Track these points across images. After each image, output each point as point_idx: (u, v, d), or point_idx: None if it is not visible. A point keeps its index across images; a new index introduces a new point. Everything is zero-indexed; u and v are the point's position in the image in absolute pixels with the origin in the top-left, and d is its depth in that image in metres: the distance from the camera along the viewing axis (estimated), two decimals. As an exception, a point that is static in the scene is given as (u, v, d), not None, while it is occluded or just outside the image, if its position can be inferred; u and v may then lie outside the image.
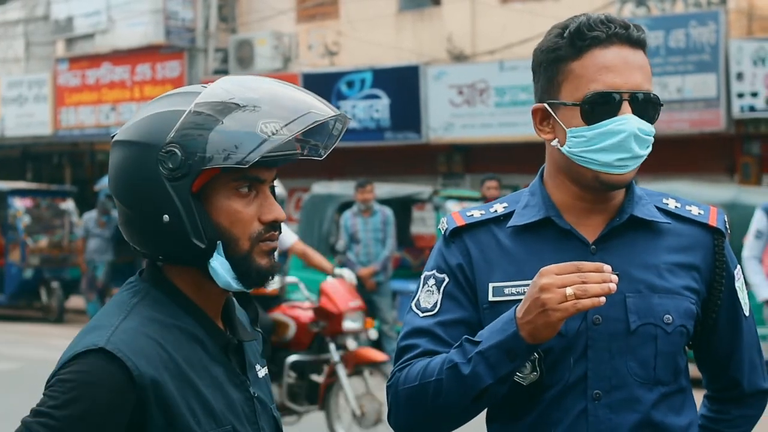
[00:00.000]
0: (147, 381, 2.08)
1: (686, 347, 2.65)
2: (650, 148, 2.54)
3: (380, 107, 19.51)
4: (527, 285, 2.44)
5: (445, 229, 2.67)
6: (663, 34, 16.36)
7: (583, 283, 2.34)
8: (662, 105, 2.55)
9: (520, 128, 18.13)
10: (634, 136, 2.48)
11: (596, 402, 2.52)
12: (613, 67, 2.50)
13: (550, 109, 2.57)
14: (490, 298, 2.58)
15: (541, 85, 2.61)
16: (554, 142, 2.57)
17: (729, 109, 15.99)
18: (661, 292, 2.54)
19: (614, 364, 2.52)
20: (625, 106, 2.49)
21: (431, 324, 2.60)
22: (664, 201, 2.66)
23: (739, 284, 2.68)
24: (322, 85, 19.83)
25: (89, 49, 22.16)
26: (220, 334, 2.25)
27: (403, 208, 17.02)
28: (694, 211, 2.66)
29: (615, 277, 2.36)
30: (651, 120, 2.52)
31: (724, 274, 2.63)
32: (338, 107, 12.03)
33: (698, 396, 2.75)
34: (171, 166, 2.11)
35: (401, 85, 19.23)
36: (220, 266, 2.18)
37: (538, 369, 2.52)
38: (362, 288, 13.60)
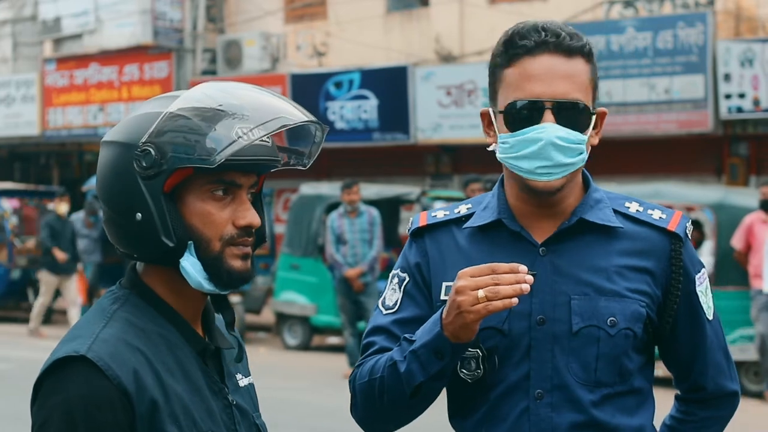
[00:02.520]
0: (128, 389, 2.10)
1: (652, 349, 2.70)
2: (583, 155, 2.57)
3: (368, 108, 19.51)
4: None
5: (409, 228, 2.76)
6: (651, 36, 16.39)
7: (496, 284, 2.39)
8: (594, 113, 2.58)
9: (508, 129, 18.13)
10: (552, 144, 2.51)
11: (538, 401, 2.57)
12: (537, 76, 2.53)
13: (492, 114, 2.64)
14: (442, 296, 2.64)
15: (489, 89, 2.68)
16: (492, 147, 2.64)
17: (716, 110, 16.02)
18: (608, 294, 2.56)
19: (556, 364, 2.56)
20: (547, 115, 2.52)
21: (389, 322, 2.70)
22: (626, 205, 2.67)
23: (701, 288, 2.68)
24: (311, 85, 19.83)
25: (77, 49, 22.10)
26: (198, 340, 2.28)
27: (391, 208, 17.05)
28: (656, 215, 2.65)
29: (530, 278, 2.40)
30: (579, 128, 2.54)
31: (681, 279, 2.63)
32: (326, 108, 11.57)
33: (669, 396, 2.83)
34: (144, 164, 2.16)
35: (389, 85, 19.23)
36: (191, 266, 2.21)
37: (481, 367, 2.58)
38: (350, 289, 13.62)
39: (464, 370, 2.60)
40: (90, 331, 2.15)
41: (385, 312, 2.72)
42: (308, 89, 19.82)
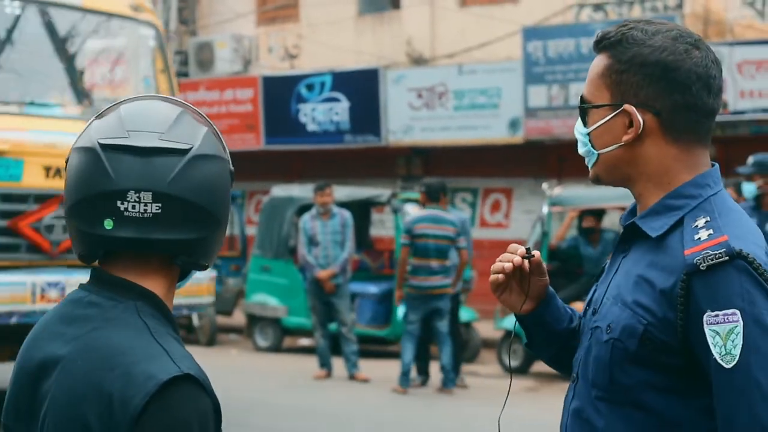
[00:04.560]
0: (218, 402, 2.19)
1: (684, 374, 2.49)
2: (587, 148, 2.63)
3: (340, 110, 19.54)
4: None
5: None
6: (620, 39, 16.48)
7: (500, 261, 2.71)
8: (586, 106, 2.61)
9: (480, 131, 18.22)
10: (576, 135, 2.67)
11: (572, 384, 2.69)
12: None
13: None
14: None
15: None
16: None
17: (685, 113, 16.08)
18: (621, 303, 2.54)
19: (582, 353, 2.65)
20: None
21: None
22: (697, 219, 2.51)
23: (716, 329, 2.39)
24: (282, 87, 19.85)
25: None
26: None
27: (362, 210, 17.07)
28: (698, 236, 2.47)
29: (517, 259, 2.68)
30: (584, 122, 2.63)
31: (684, 310, 2.43)
32: (298, 110, 11.52)
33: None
34: (233, 179, 2.33)
35: (361, 88, 19.28)
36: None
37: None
38: (321, 290, 13.65)
39: None
40: (153, 348, 2.15)
41: None
42: (280, 91, 19.84)
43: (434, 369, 13.42)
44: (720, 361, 2.38)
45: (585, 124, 2.61)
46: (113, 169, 2.17)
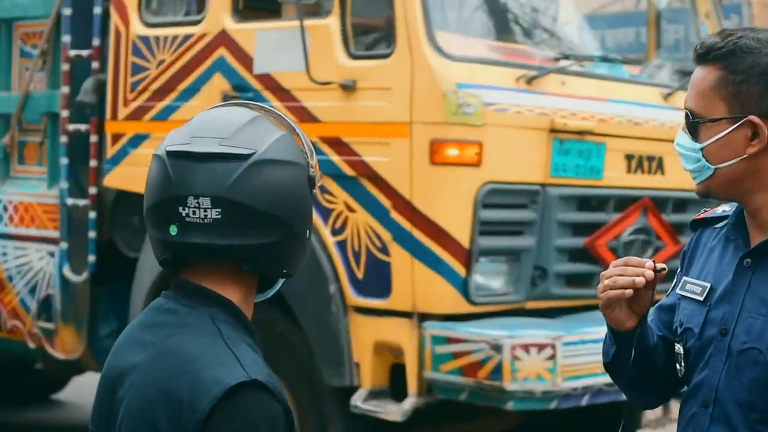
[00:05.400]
0: (290, 407, 2.21)
1: None
2: (701, 163, 2.53)
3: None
4: (694, 282, 2.62)
5: (692, 220, 2.83)
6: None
7: (620, 275, 2.50)
8: (700, 120, 2.51)
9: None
10: (677, 150, 2.58)
11: (703, 409, 2.55)
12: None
13: None
14: (678, 288, 2.71)
15: None
16: None
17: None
18: None
19: (722, 377, 2.52)
20: (684, 123, 2.56)
21: (662, 300, 2.81)
22: None
23: None
24: None
25: None
26: (260, 348, 2.33)
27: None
28: None
29: (650, 273, 2.49)
30: (693, 136, 2.53)
31: None
32: None
33: None
34: (314, 185, 2.30)
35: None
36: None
37: (682, 364, 2.62)
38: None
39: (677, 365, 2.65)
40: (224, 354, 2.16)
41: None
42: None
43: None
44: None
45: (695, 138, 2.52)
46: (175, 176, 2.19)
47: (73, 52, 6.92)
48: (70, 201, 6.94)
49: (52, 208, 7.10)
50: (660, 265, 2.52)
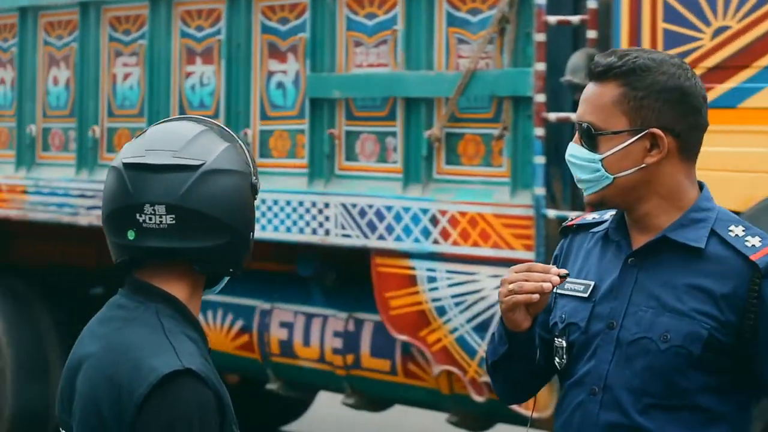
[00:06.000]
0: (222, 396, 2.37)
1: (737, 373, 2.73)
2: (600, 173, 2.72)
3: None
4: (574, 281, 2.82)
5: (561, 227, 3.05)
6: None
7: (525, 281, 2.67)
8: (603, 133, 2.71)
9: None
10: (569, 161, 2.78)
11: (591, 397, 2.75)
12: (580, 102, 2.80)
13: None
14: (555, 290, 2.83)
15: None
16: None
17: None
18: (671, 311, 2.70)
19: (612, 366, 2.73)
20: (576, 135, 2.77)
21: None
22: (730, 228, 2.76)
23: None
24: None
25: None
26: (207, 343, 2.51)
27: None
28: (750, 242, 2.72)
29: (555, 279, 2.67)
30: (592, 148, 2.73)
31: (756, 310, 2.67)
32: None
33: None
34: (256, 191, 2.52)
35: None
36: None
37: (565, 357, 2.81)
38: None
39: (557, 358, 2.84)
40: (163, 345, 2.36)
41: None
42: None
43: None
44: None
45: (594, 150, 2.72)
46: (132, 185, 2.40)
47: (552, 18, 5.29)
48: (550, 213, 5.29)
49: (519, 221, 5.38)
50: (563, 271, 2.70)
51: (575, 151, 2.76)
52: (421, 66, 5.78)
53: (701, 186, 2.82)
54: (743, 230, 2.75)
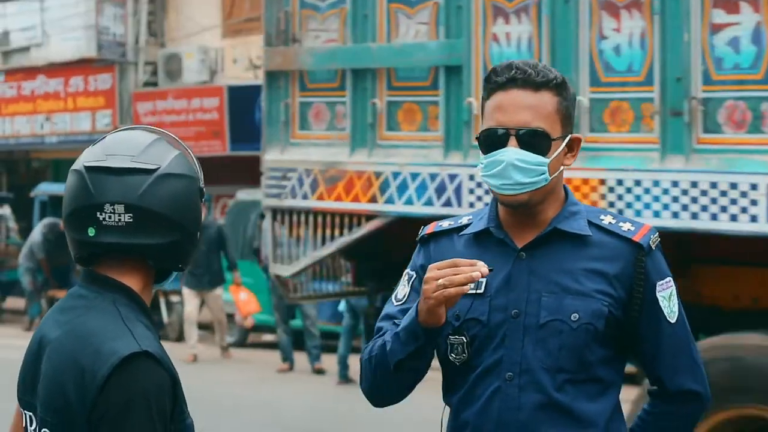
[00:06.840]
0: (176, 377, 2.52)
1: (621, 345, 2.96)
2: (544, 176, 2.86)
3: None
4: None
5: (418, 235, 3.11)
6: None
7: (454, 275, 2.72)
8: (556, 138, 2.87)
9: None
10: (512, 165, 2.83)
11: (508, 382, 2.87)
12: (504, 108, 2.87)
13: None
14: None
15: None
16: (478, 167, 3.01)
17: None
18: (574, 293, 2.87)
19: (525, 351, 2.87)
20: (512, 141, 2.84)
21: (397, 311, 3.03)
22: (601, 217, 2.96)
23: (663, 294, 2.93)
24: (247, 96, 19.73)
25: (25, 62, 22.26)
26: (157, 331, 2.63)
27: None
28: (625, 227, 2.93)
29: (485, 270, 2.73)
30: (540, 152, 2.85)
31: (643, 284, 2.89)
32: (261, 119, 10.26)
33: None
34: (202, 196, 2.66)
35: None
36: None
37: (466, 351, 2.90)
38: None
39: (453, 354, 2.92)
40: (121, 330, 2.49)
41: (395, 303, 3.05)
42: (245, 100, 19.87)
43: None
44: (668, 319, 2.95)
45: (543, 154, 2.86)
46: (93, 186, 2.52)
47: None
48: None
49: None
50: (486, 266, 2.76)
51: (522, 156, 2.84)
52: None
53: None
54: (613, 218, 2.96)
